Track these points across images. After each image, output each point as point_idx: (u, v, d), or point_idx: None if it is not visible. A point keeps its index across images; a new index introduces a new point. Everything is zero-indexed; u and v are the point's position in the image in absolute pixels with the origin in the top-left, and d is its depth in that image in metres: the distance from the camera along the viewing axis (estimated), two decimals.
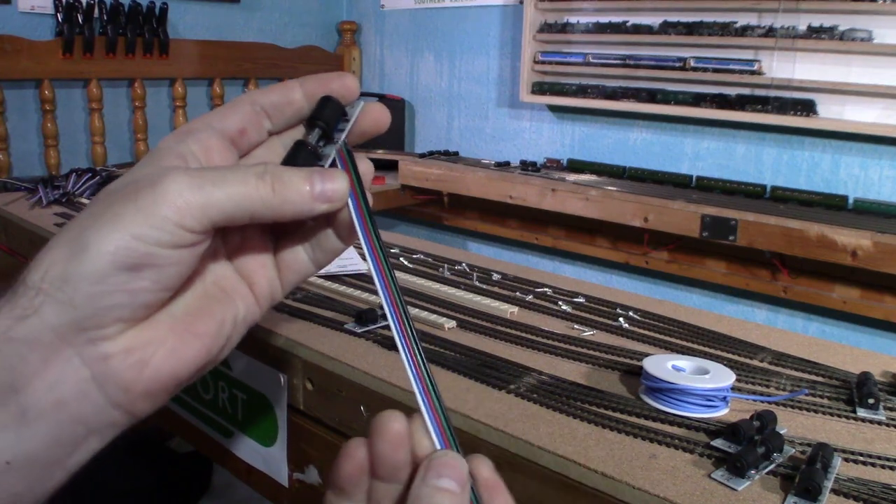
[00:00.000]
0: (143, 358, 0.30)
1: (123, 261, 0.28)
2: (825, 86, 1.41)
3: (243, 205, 0.30)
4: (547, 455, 0.50)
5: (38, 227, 1.17)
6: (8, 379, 0.28)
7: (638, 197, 1.44)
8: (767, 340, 0.73)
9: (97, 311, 0.28)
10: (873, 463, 0.50)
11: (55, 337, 0.28)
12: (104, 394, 0.30)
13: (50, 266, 0.29)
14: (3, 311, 0.29)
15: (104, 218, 0.29)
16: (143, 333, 0.30)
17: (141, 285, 0.29)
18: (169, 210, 0.29)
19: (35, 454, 0.29)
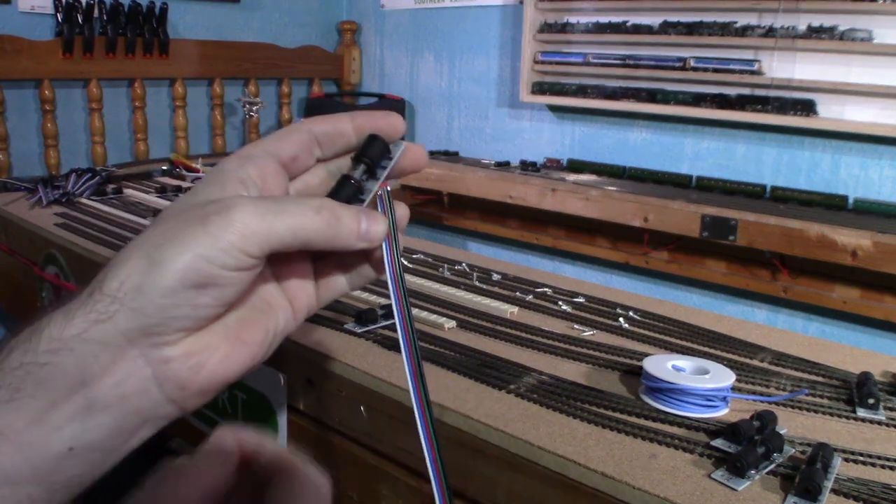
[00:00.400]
0: (200, 362, 0.34)
1: (192, 279, 0.32)
2: (825, 86, 1.41)
3: (300, 235, 0.34)
4: (547, 455, 0.50)
5: (38, 227, 1.17)
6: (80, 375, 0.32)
7: (638, 197, 1.44)
8: (767, 340, 0.73)
9: (164, 320, 0.32)
10: (873, 463, 0.50)
11: (124, 340, 0.32)
12: (162, 391, 0.34)
13: (127, 278, 0.33)
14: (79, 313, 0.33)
15: (178, 238, 0.33)
16: (200, 340, 0.34)
17: (204, 301, 0.33)
18: (235, 237, 0.33)
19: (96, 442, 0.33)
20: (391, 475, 0.60)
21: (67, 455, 0.32)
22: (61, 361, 0.32)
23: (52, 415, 0.32)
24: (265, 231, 0.33)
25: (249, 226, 0.33)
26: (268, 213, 0.34)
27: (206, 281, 0.33)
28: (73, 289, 1.05)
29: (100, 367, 0.32)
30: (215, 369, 0.35)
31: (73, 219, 1.21)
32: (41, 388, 0.32)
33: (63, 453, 0.32)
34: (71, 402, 0.32)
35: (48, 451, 0.32)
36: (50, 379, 0.32)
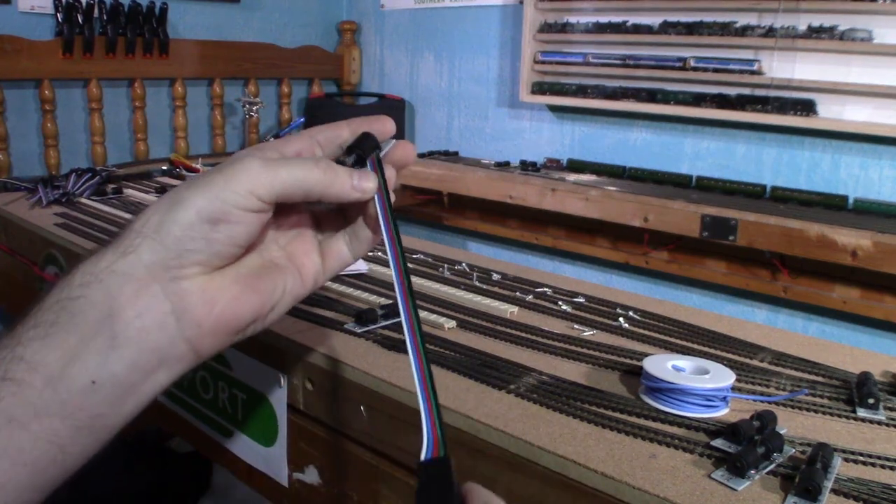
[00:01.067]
0: (214, 298, 0.37)
1: (207, 214, 0.36)
2: (825, 86, 1.41)
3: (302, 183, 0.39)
4: (547, 455, 0.50)
5: (38, 227, 1.17)
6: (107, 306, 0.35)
7: (638, 197, 1.44)
8: (767, 340, 0.73)
9: (182, 252, 0.36)
10: (873, 463, 0.50)
11: (146, 273, 0.35)
12: (179, 327, 0.36)
13: (151, 216, 0.37)
14: (110, 248, 0.37)
15: (197, 184, 0.37)
16: (214, 280, 0.38)
17: (217, 237, 0.37)
18: (246, 179, 0.37)
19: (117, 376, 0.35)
20: (391, 475, 0.60)
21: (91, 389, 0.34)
22: (91, 294, 0.35)
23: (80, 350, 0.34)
24: (271, 176, 0.38)
25: (257, 171, 0.37)
26: (274, 164, 0.38)
27: (220, 217, 0.37)
28: None
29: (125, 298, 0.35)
30: (226, 308, 0.38)
31: (73, 219, 1.21)
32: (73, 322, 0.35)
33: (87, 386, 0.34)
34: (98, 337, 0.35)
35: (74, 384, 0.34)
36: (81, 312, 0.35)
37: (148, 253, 0.36)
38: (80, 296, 0.35)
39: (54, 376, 0.34)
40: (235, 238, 0.38)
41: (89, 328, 0.34)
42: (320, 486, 0.67)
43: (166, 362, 0.37)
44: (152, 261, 0.36)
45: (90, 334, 0.34)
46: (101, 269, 0.36)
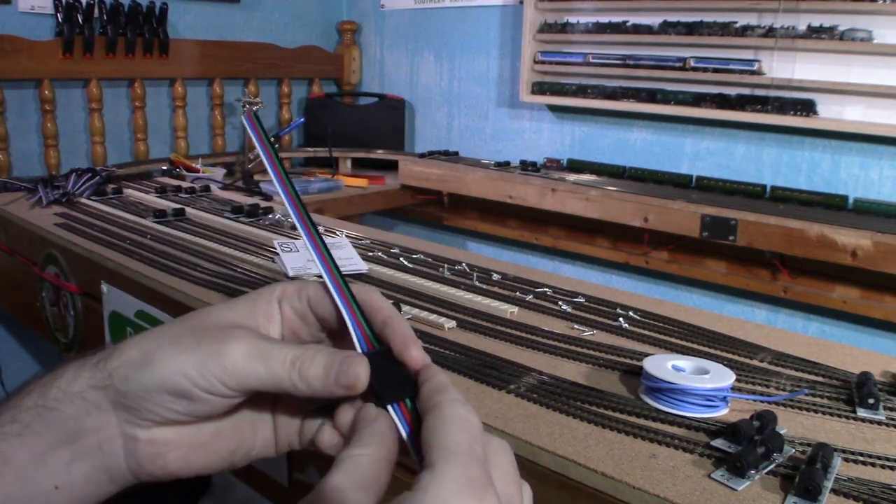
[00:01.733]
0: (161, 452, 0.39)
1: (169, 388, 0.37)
2: (825, 86, 1.41)
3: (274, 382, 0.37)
4: (547, 455, 0.50)
5: (38, 227, 1.17)
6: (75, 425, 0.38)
7: (638, 197, 1.44)
8: (767, 340, 0.73)
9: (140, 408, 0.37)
10: (873, 463, 0.50)
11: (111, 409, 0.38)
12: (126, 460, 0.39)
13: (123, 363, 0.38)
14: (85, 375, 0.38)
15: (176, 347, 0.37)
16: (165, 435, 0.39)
17: (175, 408, 0.37)
18: (218, 369, 0.36)
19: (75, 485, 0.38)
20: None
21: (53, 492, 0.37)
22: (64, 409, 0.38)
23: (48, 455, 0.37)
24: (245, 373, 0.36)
25: (234, 365, 0.36)
26: (254, 358, 0.37)
27: (182, 394, 0.37)
28: (73, 289, 1.05)
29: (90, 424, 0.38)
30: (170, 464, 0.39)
31: (73, 219, 1.21)
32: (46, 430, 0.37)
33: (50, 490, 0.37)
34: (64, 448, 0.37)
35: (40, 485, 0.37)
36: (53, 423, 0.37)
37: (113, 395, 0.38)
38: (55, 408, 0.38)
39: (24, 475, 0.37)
40: (194, 413, 0.38)
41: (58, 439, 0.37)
42: None
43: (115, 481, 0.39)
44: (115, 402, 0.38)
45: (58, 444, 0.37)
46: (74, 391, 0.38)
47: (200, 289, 0.84)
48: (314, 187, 1.73)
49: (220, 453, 0.40)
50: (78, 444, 0.38)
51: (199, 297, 0.81)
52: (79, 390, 0.38)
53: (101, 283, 0.95)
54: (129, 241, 1.04)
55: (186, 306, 0.81)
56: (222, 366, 0.36)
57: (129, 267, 0.92)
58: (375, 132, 2.16)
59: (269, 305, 0.41)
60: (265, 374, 0.37)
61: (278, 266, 0.92)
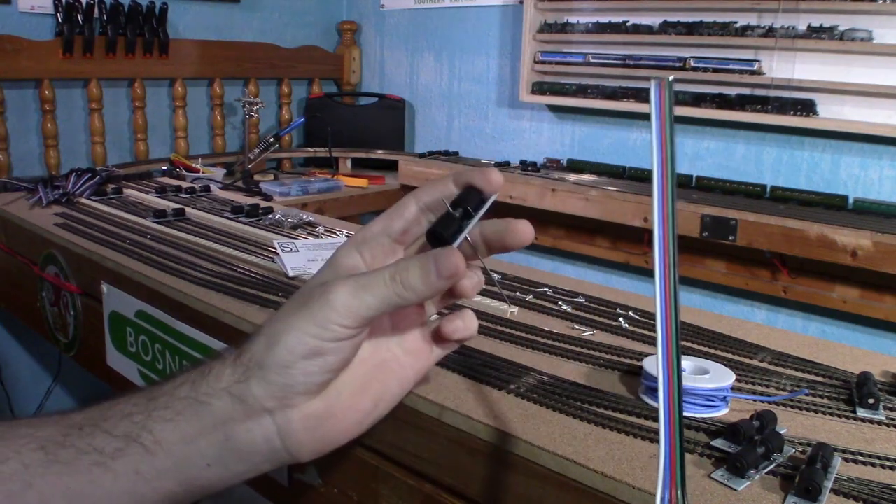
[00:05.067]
0: (315, 426, 0.43)
1: (301, 352, 0.40)
2: (825, 86, 1.41)
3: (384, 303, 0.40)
4: (547, 455, 0.50)
5: (38, 227, 1.17)
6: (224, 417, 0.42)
7: (638, 197, 1.44)
8: (767, 340, 0.73)
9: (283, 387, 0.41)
10: (873, 463, 0.50)
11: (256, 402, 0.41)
12: (283, 444, 0.43)
13: (254, 354, 0.42)
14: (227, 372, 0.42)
15: (290, 320, 0.41)
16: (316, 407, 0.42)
17: (313, 369, 0.41)
18: (332, 314, 0.40)
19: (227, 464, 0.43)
20: (391, 475, 0.60)
21: (205, 468, 0.42)
22: (213, 403, 0.42)
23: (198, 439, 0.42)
24: (356, 306, 0.40)
25: (342, 302, 0.40)
26: (357, 291, 0.40)
27: (312, 352, 0.40)
28: (73, 289, 1.05)
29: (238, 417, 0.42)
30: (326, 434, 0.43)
31: (73, 219, 1.21)
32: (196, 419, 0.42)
33: (202, 467, 0.42)
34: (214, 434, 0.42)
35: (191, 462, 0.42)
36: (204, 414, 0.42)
37: (256, 387, 0.41)
38: (206, 402, 0.42)
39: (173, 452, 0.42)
40: (330, 366, 0.41)
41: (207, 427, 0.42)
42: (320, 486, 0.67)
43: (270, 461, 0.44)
44: (261, 394, 0.41)
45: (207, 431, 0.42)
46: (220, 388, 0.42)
47: (200, 289, 0.84)
48: (314, 187, 1.73)
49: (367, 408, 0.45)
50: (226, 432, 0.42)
51: (199, 297, 0.81)
52: (224, 387, 0.42)
53: (101, 283, 0.95)
54: (129, 241, 1.04)
55: (186, 306, 0.81)
56: (335, 310, 0.40)
57: (129, 267, 0.92)
58: (375, 132, 2.16)
59: (351, 259, 0.45)
60: (373, 300, 0.40)
61: (278, 266, 0.92)
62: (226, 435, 0.42)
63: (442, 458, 0.56)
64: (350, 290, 0.40)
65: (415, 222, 0.45)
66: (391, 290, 0.40)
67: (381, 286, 0.40)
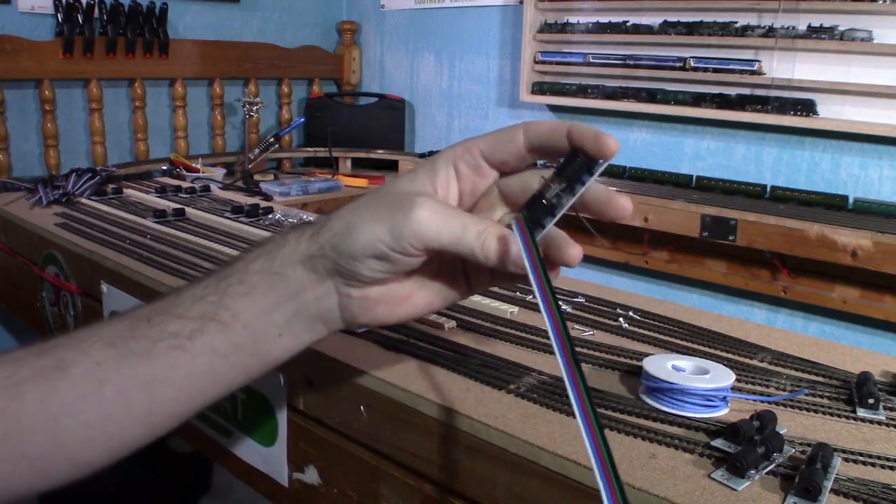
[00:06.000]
0: (371, 306, 0.46)
1: (370, 252, 0.43)
2: (825, 86, 1.41)
3: (457, 247, 0.42)
4: (547, 455, 0.50)
5: (38, 226, 1.17)
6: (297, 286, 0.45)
7: (638, 197, 1.44)
8: (767, 340, 0.73)
9: (349, 272, 0.44)
10: (873, 463, 0.50)
11: (326, 273, 0.45)
12: (340, 314, 0.46)
13: (333, 235, 0.44)
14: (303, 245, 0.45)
15: (373, 217, 0.43)
16: (375, 292, 0.45)
17: (377, 268, 0.43)
18: (407, 231, 0.42)
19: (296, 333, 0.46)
20: (391, 475, 0.60)
21: (276, 338, 0.45)
22: (288, 274, 0.45)
23: (273, 311, 0.45)
24: (433, 234, 0.42)
25: (420, 227, 0.41)
26: (439, 222, 0.42)
27: (378, 256, 0.43)
28: (73, 289, 1.05)
29: (309, 284, 0.45)
30: (378, 315, 0.46)
31: (73, 219, 1.21)
32: (272, 290, 0.45)
33: (274, 337, 0.45)
34: (288, 304, 0.45)
35: (266, 333, 0.45)
36: (278, 284, 0.45)
37: (328, 263, 0.44)
38: (280, 272, 0.45)
39: (250, 324, 0.44)
40: (393, 270, 0.44)
41: (281, 297, 0.45)
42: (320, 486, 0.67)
43: (329, 328, 0.47)
44: (330, 269, 0.44)
45: (281, 301, 0.45)
46: (296, 259, 0.45)
47: None
48: (314, 187, 1.73)
49: (421, 304, 0.48)
50: (298, 301, 0.45)
51: None
52: (299, 258, 0.45)
53: (101, 283, 0.95)
54: (129, 241, 1.04)
55: None
56: (411, 230, 0.41)
57: (129, 267, 0.92)
58: (375, 132, 2.16)
59: (446, 170, 0.45)
60: (448, 239, 0.42)
61: None
62: (298, 304, 0.45)
63: (442, 458, 0.56)
64: (434, 219, 0.42)
65: (517, 156, 0.45)
66: (468, 243, 0.42)
67: (462, 234, 0.42)
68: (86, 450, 0.43)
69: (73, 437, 0.42)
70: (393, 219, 0.42)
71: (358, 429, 0.63)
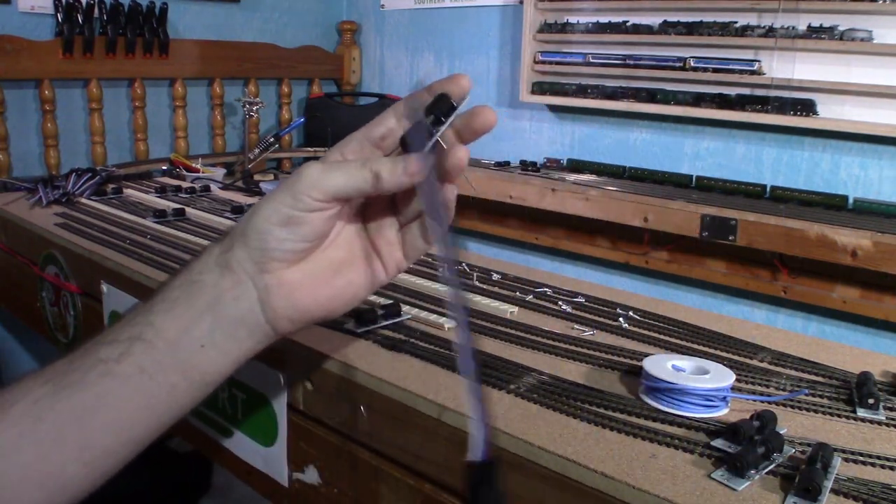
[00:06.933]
0: (291, 292, 0.46)
1: (276, 220, 0.45)
2: (825, 86, 1.41)
3: (351, 183, 0.45)
4: (547, 455, 0.50)
5: (38, 226, 1.17)
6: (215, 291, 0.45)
7: (638, 197, 1.44)
8: (767, 340, 0.73)
9: (262, 251, 0.45)
10: (873, 463, 0.50)
11: (240, 268, 0.45)
12: (263, 311, 0.46)
13: (237, 227, 0.46)
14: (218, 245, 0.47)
15: (273, 193, 0.46)
16: (293, 275, 0.46)
17: (288, 235, 0.45)
18: (301, 186, 0.44)
19: (218, 343, 0.46)
20: (391, 475, 0.60)
21: (200, 351, 0.45)
22: (205, 279, 0.46)
23: (193, 321, 0.45)
24: (325, 180, 0.44)
25: (312, 177, 0.44)
26: (327, 170, 0.45)
27: (286, 220, 0.44)
28: (73, 289, 1.05)
29: (226, 287, 0.45)
30: (300, 300, 0.47)
31: (73, 219, 1.21)
32: (190, 301, 0.45)
33: (198, 350, 0.45)
34: (207, 312, 0.45)
35: (188, 346, 0.45)
36: (197, 293, 0.45)
37: (240, 252, 0.45)
38: (198, 280, 0.46)
39: (172, 339, 0.44)
40: (305, 235, 0.45)
41: (201, 306, 0.45)
42: (320, 486, 0.67)
43: (254, 336, 0.47)
44: (243, 258, 0.45)
45: (201, 310, 0.45)
46: (211, 262, 0.46)
47: None
48: None
49: (338, 286, 0.48)
50: (218, 308, 0.45)
51: None
52: (214, 260, 0.46)
53: (101, 283, 0.95)
54: (129, 241, 1.04)
55: None
56: (307, 183, 0.44)
57: (129, 267, 0.92)
58: None
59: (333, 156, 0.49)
60: (341, 178, 0.45)
61: None
62: (216, 310, 0.45)
63: (442, 458, 0.56)
64: (322, 168, 0.45)
65: (393, 130, 0.49)
66: (360, 173, 0.45)
67: (352, 169, 0.45)
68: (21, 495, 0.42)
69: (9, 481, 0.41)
70: (290, 185, 0.45)
71: (358, 429, 0.63)
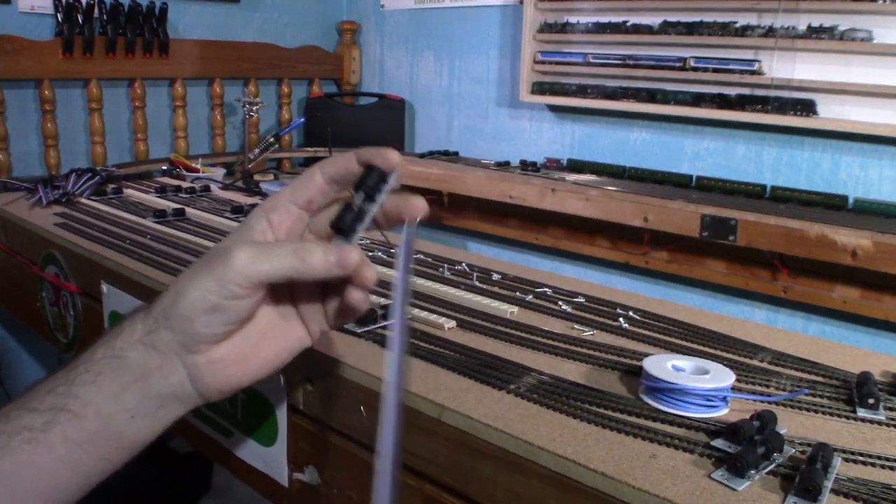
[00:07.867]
0: (220, 369, 0.46)
1: (201, 307, 0.44)
2: (825, 86, 1.41)
3: (280, 271, 0.45)
4: (547, 455, 0.50)
5: (38, 226, 1.17)
6: (142, 368, 0.45)
7: (638, 197, 1.44)
8: (767, 340, 0.73)
9: (187, 335, 0.45)
10: (873, 463, 0.50)
11: (167, 348, 0.45)
12: (194, 386, 0.46)
13: (161, 309, 0.45)
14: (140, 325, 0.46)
15: (195, 276, 0.45)
16: (221, 352, 0.46)
17: (214, 322, 0.45)
18: (230, 274, 0.44)
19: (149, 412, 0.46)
20: None
21: (131, 421, 0.45)
22: (130, 357, 0.45)
23: (122, 394, 0.45)
24: (253, 270, 0.44)
25: (241, 263, 0.44)
26: (257, 257, 0.44)
27: (211, 308, 0.44)
28: (73, 289, 1.05)
29: (154, 365, 0.45)
30: (231, 375, 0.47)
31: (73, 219, 1.21)
32: (116, 375, 0.45)
33: (127, 419, 0.45)
34: (135, 385, 0.45)
35: (118, 417, 0.45)
36: (122, 368, 0.45)
37: (166, 334, 0.45)
38: (122, 356, 0.45)
39: (101, 411, 0.44)
40: (229, 321, 0.45)
41: (128, 380, 0.45)
42: (320, 485, 0.67)
43: (185, 404, 0.47)
44: (169, 340, 0.45)
45: (129, 383, 0.45)
46: (135, 340, 0.46)
47: None
48: None
49: (268, 357, 0.48)
50: (146, 381, 0.45)
51: None
52: (138, 338, 0.45)
53: (101, 283, 0.95)
54: (129, 241, 1.05)
55: None
56: (234, 271, 0.43)
57: (129, 267, 0.92)
58: (375, 132, 2.16)
59: (259, 223, 0.48)
60: (270, 267, 0.44)
61: None
62: (145, 385, 0.45)
63: (442, 458, 0.56)
64: (251, 255, 0.44)
65: (319, 192, 0.49)
66: (290, 262, 0.44)
67: (282, 257, 0.44)
68: None
69: None
70: (214, 270, 0.44)
71: (358, 429, 0.63)
